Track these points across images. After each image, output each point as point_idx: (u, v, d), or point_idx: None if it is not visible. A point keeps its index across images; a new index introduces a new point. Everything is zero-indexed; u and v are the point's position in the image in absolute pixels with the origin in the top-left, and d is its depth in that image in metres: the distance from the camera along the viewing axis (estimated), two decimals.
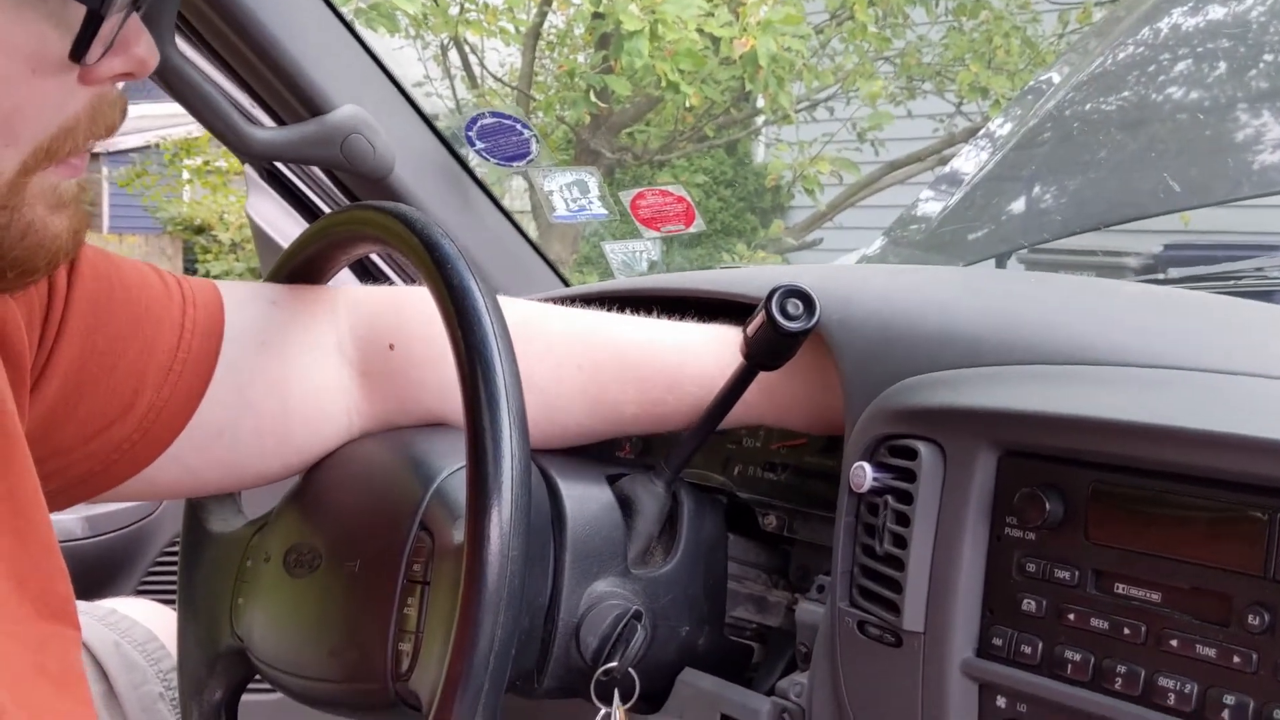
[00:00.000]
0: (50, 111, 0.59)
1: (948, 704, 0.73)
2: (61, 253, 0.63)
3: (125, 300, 0.80)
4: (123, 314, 0.79)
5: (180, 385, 0.81)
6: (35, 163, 0.59)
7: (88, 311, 0.77)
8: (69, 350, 0.77)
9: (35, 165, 0.59)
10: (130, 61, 0.61)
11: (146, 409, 0.80)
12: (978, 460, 0.73)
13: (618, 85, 4.22)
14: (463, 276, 0.74)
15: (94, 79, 0.60)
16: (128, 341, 0.79)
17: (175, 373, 0.81)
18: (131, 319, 0.80)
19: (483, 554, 0.68)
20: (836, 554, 0.82)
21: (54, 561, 0.71)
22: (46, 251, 0.62)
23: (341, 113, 1.20)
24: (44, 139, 0.59)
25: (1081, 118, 1.86)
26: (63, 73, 0.58)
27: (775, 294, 0.81)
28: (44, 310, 0.75)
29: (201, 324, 0.83)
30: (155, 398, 0.80)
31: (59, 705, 0.67)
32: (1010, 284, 1.10)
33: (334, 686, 0.83)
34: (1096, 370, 0.76)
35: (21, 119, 0.57)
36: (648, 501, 0.90)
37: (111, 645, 1.11)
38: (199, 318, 0.83)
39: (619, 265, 1.48)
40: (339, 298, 0.92)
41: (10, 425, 0.70)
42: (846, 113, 5.57)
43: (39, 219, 0.60)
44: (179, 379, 0.81)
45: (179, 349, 0.81)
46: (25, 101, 0.57)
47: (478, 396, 0.70)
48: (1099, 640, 0.68)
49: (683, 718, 0.90)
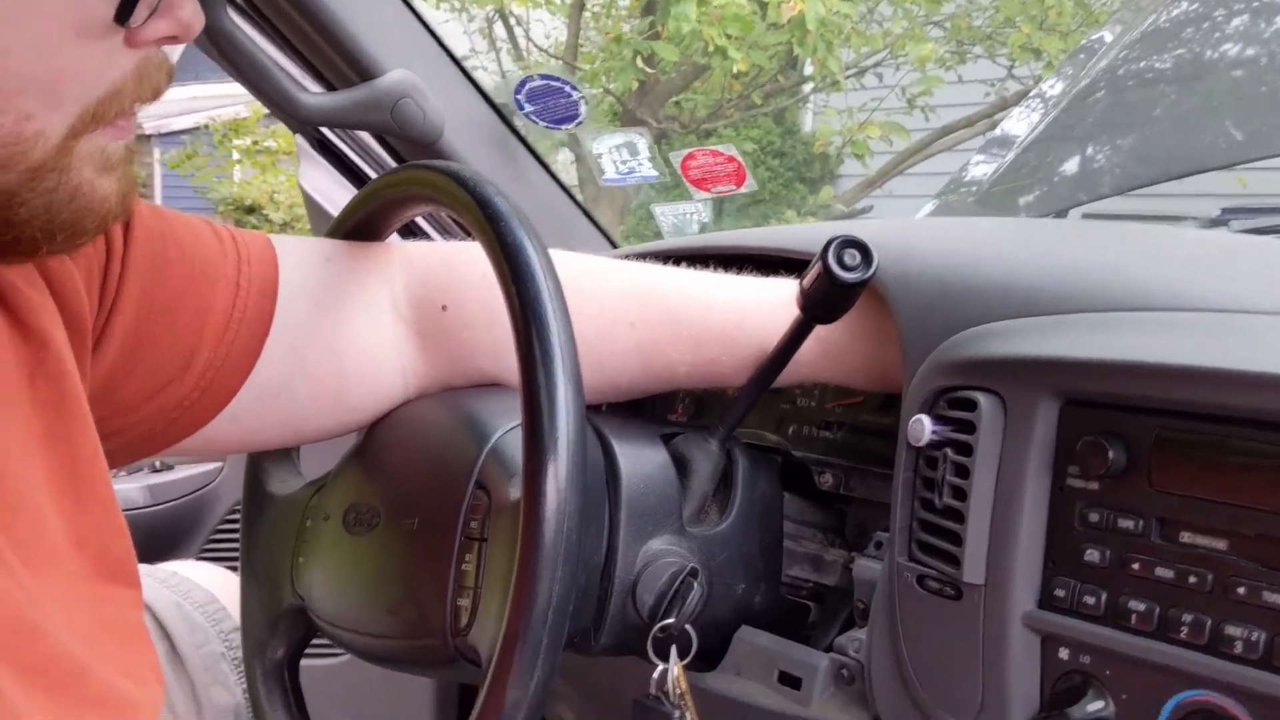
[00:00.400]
0: (96, 75, 0.59)
1: (1009, 656, 0.73)
2: (110, 215, 0.64)
3: (180, 259, 0.80)
4: (179, 272, 0.80)
5: (237, 343, 0.82)
6: (82, 126, 0.59)
7: (145, 270, 0.78)
8: (127, 309, 0.77)
9: (82, 129, 0.59)
10: (175, 25, 0.61)
11: (204, 367, 0.81)
12: (1039, 410, 0.72)
13: (665, 51, 4.19)
14: (516, 233, 0.74)
15: (139, 42, 0.60)
16: (185, 299, 0.80)
17: (232, 331, 0.81)
18: (188, 277, 0.80)
19: (540, 509, 0.68)
20: (895, 509, 0.81)
21: (113, 521, 0.72)
22: (95, 214, 0.62)
23: (391, 77, 1.20)
24: (90, 102, 0.59)
25: (1136, 75, 1.82)
26: (108, 36, 0.58)
27: (832, 244, 0.81)
28: (102, 270, 0.76)
29: (256, 282, 0.83)
30: (213, 356, 0.81)
31: (126, 656, 0.68)
32: (1067, 233, 1.08)
33: (394, 643, 0.84)
34: (1158, 316, 0.75)
35: (66, 83, 0.58)
36: (702, 459, 0.90)
37: (174, 606, 1.13)
38: (254, 275, 0.83)
39: (669, 228, 1.47)
40: (393, 254, 0.92)
41: (71, 386, 0.71)
42: (895, 79, 5.51)
43: (87, 181, 0.61)
44: (235, 337, 0.82)
45: (235, 307, 0.82)
46: (70, 65, 0.58)
47: (532, 353, 0.70)
48: (1164, 590, 0.67)
49: (740, 674, 0.90)
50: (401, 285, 0.91)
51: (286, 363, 0.85)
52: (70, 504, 0.69)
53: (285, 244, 0.87)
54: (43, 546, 0.65)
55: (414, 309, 0.91)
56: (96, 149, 0.61)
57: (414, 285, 0.91)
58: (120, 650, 0.68)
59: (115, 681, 0.66)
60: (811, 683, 0.86)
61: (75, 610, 0.66)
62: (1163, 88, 1.79)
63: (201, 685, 1.10)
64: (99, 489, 0.71)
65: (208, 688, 1.10)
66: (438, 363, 0.92)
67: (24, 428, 0.67)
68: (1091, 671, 0.70)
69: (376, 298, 0.90)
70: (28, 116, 0.57)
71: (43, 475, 0.67)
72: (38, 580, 0.63)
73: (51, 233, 0.61)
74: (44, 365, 0.69)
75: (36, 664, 0.60)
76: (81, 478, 0.70)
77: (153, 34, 0.60)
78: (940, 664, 0.77)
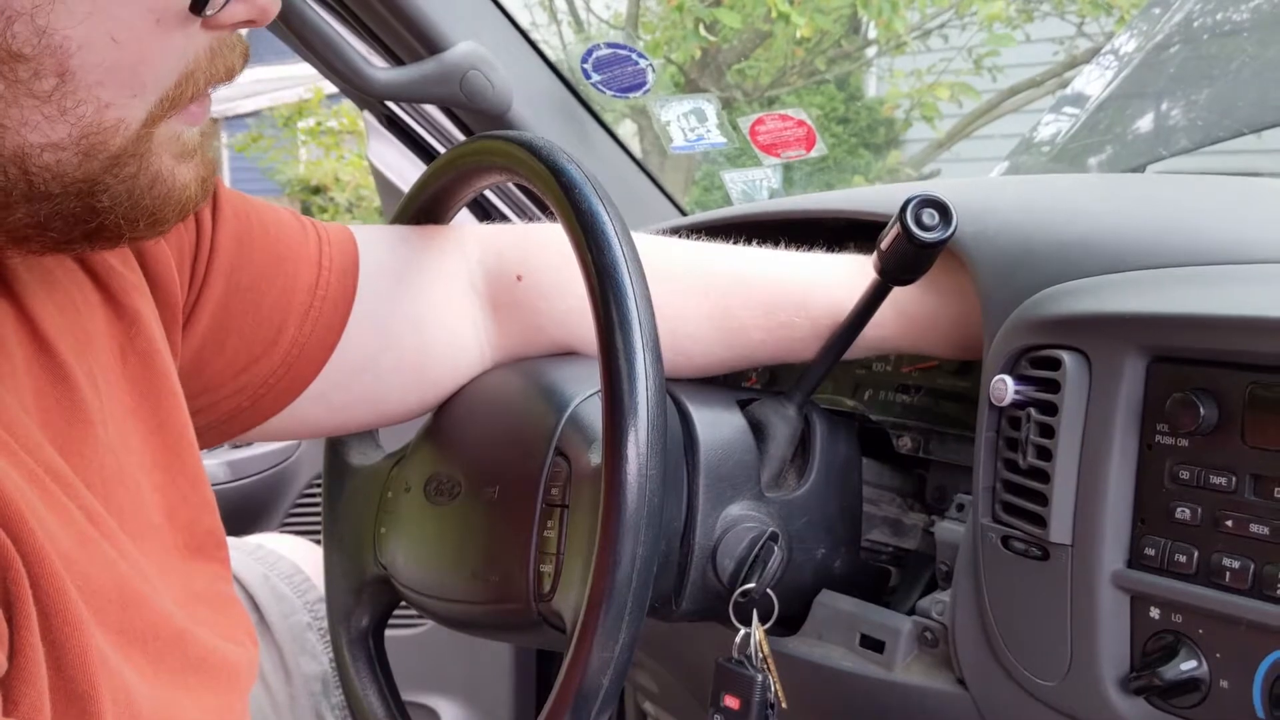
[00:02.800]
0: (173, 61, 0.59)
1: (1098, 616, 0.72)
2: (191, 202, 0.64)
3: (265, 239, 0.82)
4: (264, 252, 0.81)
5: (321, 321, 0.83)
6: (160, 112, 0.60)
7: (232, 250, 0.80)
8: (216, 287, 0.79)
9: (160, 114, 0.60)
10: (252, 9, 0.61)
11: (290, 345, 0.82)
12: (1125, 367, 0.71)
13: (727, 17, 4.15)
14: (590, 201, 0.74)
15: (216, 26, 0.61)
16: (271, 279, 0.81)
17: (315, 309, 0.83)
18: (273, 257, 0.82)
19: (621, 474, 0.68)
20: (977, 470, 0.80)
21: (203, 495, 0.73)
22: (175, 201, 0.63)
23: (459, 50, 1.20)
24: (168, 87, 0.60)
25: (1212, 28, 1.78)
26: (186, 23, 0.59)
27: (910, 204, 0.80)
28: (193, 250, 0.78)
29: (338, 261, 0.85)
30: (298, 334, 0.82)
31: (221, 621, 0.70)
32: (1150, 187, 1.06)
33: (478, 608, 0.85)
34: (1248, 269, 0.73)
35: (148, 69, 0.58)
36: (779, 425, 0.90)
37: (260, 578, 1.15)
38: (335, 255, 0.85)
39: (738, 195, 1.46)
40: (467, 234, 0.94)
41: (162, 364, 0.72)
42: (961, 40, 5.41)
43: (166, 169, 0.62)
44: (319, 315, 0.83)
45: (318, 286, 0.83)
46: (150, 52, 0.58)
47: (610, 319, 0.70)
48: (1259, 546, 0.66)
49: (822, 638, 0.90)
50: (477, 260, 0.92)
51: (370, 339, 0.86)
52: (162, 477, 0.70)
53: (363, 229, 0.90)
54: (140, 517, 0.67)
55: (489, 283, 0.92)
56: (172, 135, 0.62)
57: (489, 259, 0.92)
58: (214, 615, 0.70)
59: (215, 644, 0.67)
60: (895, 646, 0.85)
61: (171, 579, 0.68)
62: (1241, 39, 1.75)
63: (290, 654, 1.12)
64: (188, 463, 0.73)
65: (296, 657, 1.12)
66: (513, 333, 0.92)
67: (118, 403, 0.68)
68: (1183, 631, 0.69)
69: (453, 274, 0.91)
70: (107, 105, 0.57)
71: (136, 449, 0.69)
72: (138, 548, 0.64)
73: (134, 219, 0.62)
74: (135, 342, 0.71)
75: (140, 630, 0.61)
76: (172, 452, 0.72)
77: (230, 18, 0.61)
78: (1027, 625, 0.76)
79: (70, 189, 0.58)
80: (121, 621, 0.60)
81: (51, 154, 0.57)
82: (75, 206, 0.59)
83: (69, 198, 0.59)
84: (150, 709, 0.60)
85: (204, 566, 0.72)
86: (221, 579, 0.74)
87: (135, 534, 0.65)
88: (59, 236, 0.61)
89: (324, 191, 8.97)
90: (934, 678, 0.84)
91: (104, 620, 0.59)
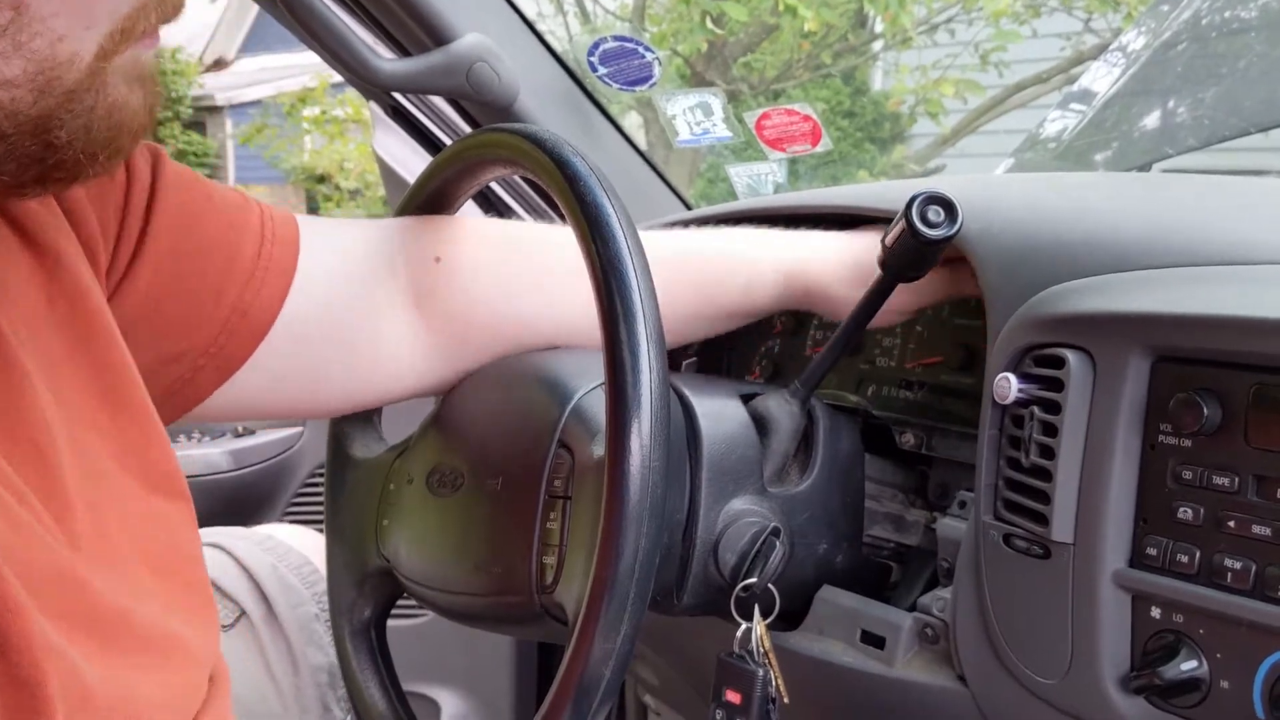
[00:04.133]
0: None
1: (1099, 615, 0.72)
2: (141, 128, 0.64)
3: (209, 206, 0.83)
4: (210, 220, 0.83)
5: (263, 290, 0.84)
6: (112, 45, 0.60)
7: (174, 213, 0.80)
8: (158, 246, 0.79)
9: (112, 48, 0.60)
10: None
11: (230, 310, 0.83)
12: (1129, 366, 0.71)
13: (734, 10, 4.14)
14: (595, 193, 0.74)
15: None
16: (215, 246, 0.82)
17: (258, 278, 0.84)
18: (221, 224, 0.83)
19: (624, 466, 0.68)
20: (980, 467, 0.80)
21: (153, 430, 0.72)
22: (128, 128, 0.63)
23: (465, 41, 1.20)
24: (119, 18, 0.59)
25: (1220, 26, 1.77)
26: None
27: (915, 200, 0.80)
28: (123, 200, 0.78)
29: (280, 234, 0.86)
30: (239, 300, 0.83)
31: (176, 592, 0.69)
32: (1153, 187, 1.06)
33: (480, 600, 0.85)
34: (1253, 269, 0.73)
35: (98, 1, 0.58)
36: (782, 419, 0.90)
37: (269, 569, 1.15)
38: (277, 229, 0.86)
39: (744, 189, 1.46)
40: (393, 223, 0.95)
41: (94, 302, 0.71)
42: (967, 35, 5.40)
43: (121, 96, 0.61)
44: (261, 284, 0.84)
45: (260, 256, 0.84)
46: None
47: (614, 311, 0.70)
48: (1261, 547, 0.66)
49: (823, 634, 0.90)
50: (399, 245, 0.93)
51: (308, 313, 0.87)
52: (108, 422, 0.69)
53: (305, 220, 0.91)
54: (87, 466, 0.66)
55: (410, 266, 0.93)
56: (129, 59, 0.61)
57: (409, 243, 0.93)
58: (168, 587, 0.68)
59: (163, 621, 0.66)
60: (895, 642, 0.86)
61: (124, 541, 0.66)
62: (1249, 38, 1.74)
63: (297, 646, 1.12)
64: (134, 400, 0.71)
65: (303, 648, 1.12)
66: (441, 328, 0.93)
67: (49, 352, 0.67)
68: (1184, 631, 0.69)
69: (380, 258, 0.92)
70: (60, 38, 0.57)
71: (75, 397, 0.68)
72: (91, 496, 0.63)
73: (93, 153, 0.61)
74: (60, 283, 0.69)
75: (83, 613, 0.61)
76: (115, 392, 0.70)
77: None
78: (1027, 623, 0.76)
79: (24, 127, 0.58)
80: (62, 606, 0.59)
81: (5, 91, 0.56)
82: (31, 145, 0.59)
83: (24, 136, 0.58)
84: (103, 691, 0.59)
85: (164, 509, 0.71)
86: (184, 525, 0.73)
87: (86, 485, 0.64)
88: (11, 180, 0.60)
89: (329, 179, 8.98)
90: (934, 674, 0.84)
91: (45, 605, 0.58)
